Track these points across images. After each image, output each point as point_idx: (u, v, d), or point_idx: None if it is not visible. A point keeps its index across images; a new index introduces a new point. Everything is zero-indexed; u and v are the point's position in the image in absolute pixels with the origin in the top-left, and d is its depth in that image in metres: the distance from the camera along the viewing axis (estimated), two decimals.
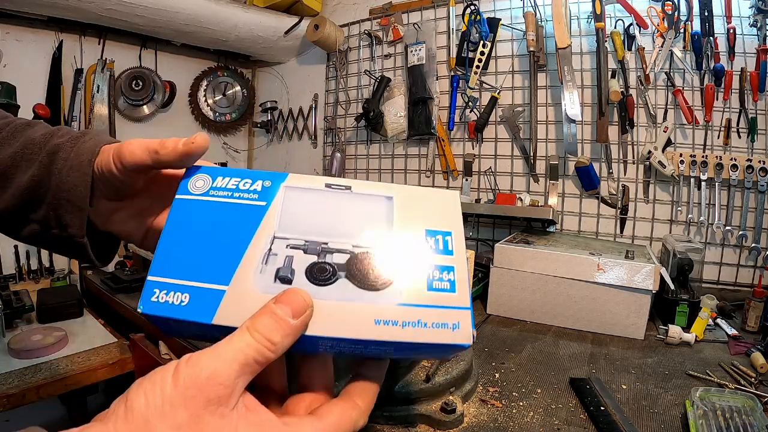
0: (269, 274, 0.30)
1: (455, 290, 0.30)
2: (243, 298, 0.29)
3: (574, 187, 1.51)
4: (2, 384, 0.96)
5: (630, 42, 1.38)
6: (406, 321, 0.28)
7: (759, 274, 1.25)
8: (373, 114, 1.74)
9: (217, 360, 0.24)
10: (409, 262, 0.31)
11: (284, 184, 0.34)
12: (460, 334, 0.29)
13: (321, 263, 0.30)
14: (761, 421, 0.64)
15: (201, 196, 0.34)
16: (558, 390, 0.78)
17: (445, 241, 0.33)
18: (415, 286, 0.30)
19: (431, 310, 0.29)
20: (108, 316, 1.32)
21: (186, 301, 0.29)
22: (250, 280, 0.29)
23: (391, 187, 0.35)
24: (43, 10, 1.58)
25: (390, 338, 0.28)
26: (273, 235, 0.32)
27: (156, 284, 0.29)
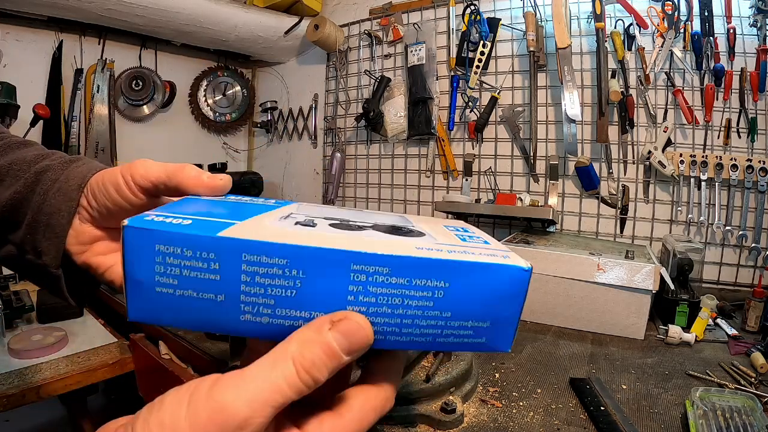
0: (289, 222, 0.26)
1: (489, 243, 0.28)
2: (257, 226, 0.24)
3: (574, 187, 1.51)
4: (2, 384, 0.96)
5: (630, 42, 1.38)
6: (450, 250, 0.24)
7: (759, 274, 1.25)
8: (373, 114, 1.74)
9: (250, 401, 0.19)
10: (434, 231, 0.29)
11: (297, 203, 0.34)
12: (512, 260, 0.25)
13: (345, 221, 0.28)
14: (761, 421, 0.64)
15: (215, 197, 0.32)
16: (558, 390, 0.78)
17: (465, 228, 0.32)
18: (449, 239, 0.27)
19: (474, 246, 0.26)
20: (108, 316, 1.32)
21: (188, 222, 0.24)
22: (266, 221, 0.26)
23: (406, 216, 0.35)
24: (43, 10, 1.58)
25: (442, 257, 0.23)
26: (292, 211, 0.30)
27: (154, 213, 0.25)
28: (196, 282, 0.23)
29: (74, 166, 0.36)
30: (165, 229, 0.23)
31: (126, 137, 1.94)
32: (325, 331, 0.22)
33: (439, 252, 0.24)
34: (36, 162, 0.36)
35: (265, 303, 0.23)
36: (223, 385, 0.20)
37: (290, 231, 0.24)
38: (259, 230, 0.23)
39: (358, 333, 0.22)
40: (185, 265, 0.23)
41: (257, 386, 0.20)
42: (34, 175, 0.35)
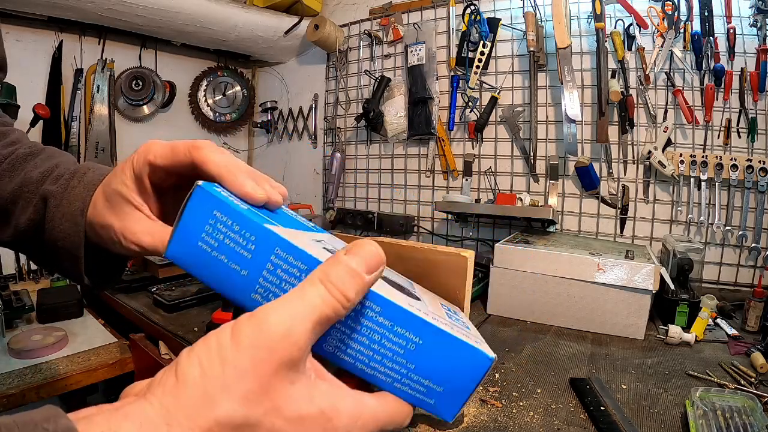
0: (319, 244, 0.31)
1: (470, 329, 0.33)
2: (294, 234, 0.28)
3: (574, 187, 1.51)
4: (2, 384, 0.96)
5: (630, 42, 1.38)
6: (435, 316, 0.29)
7: (759, 274, 1.25)
8: (373, 114, 1.74)
9: (290, 315, 0.21)
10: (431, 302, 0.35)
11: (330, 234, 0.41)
12: (482, 346, 0.29)
13: None
14: (761, 421, 0.64)
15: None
16: (558, 390, 0.78)
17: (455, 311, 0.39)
18: (438, 311, 0.33)
19: (455, 325, 0.31)
20: (108, 316, 1.32)
21: (245, 207, 0.28)
22: (302, 236, 0.30)
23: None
24: (43, 10, 1.58)
25: (423, 317, 0.27)
26: (323, 239, 0.34)
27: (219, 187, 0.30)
28: (231, 252, 0.27)
29: (71, 187, 0.37)
30: (227, 202, 0.27)
31: (126, 137, 1.94)
32: (342, 256, 0.24)
33: (426, 315, 0.28)
34: (41, 183, 0.38)
35: (275, 292, 0.27)
36: (261, 310, 0.21)
37: (317, 250, 0.28)
38: (295, 238, 0.27)
39: (370, 252, 0.24)
40: (230, 235, 0.27)
41: (294, 304, 0.22)
42: (41, 200, 0.38)
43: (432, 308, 0.32)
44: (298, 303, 0.22)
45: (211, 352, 0.20)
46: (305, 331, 0.21)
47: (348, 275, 0.23)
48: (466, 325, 0.34)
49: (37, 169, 0.39)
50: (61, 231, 0.36)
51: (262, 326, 0.20)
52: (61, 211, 0.37)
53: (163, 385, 0.20)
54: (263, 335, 0.20)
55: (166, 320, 1.14)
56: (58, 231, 0.36)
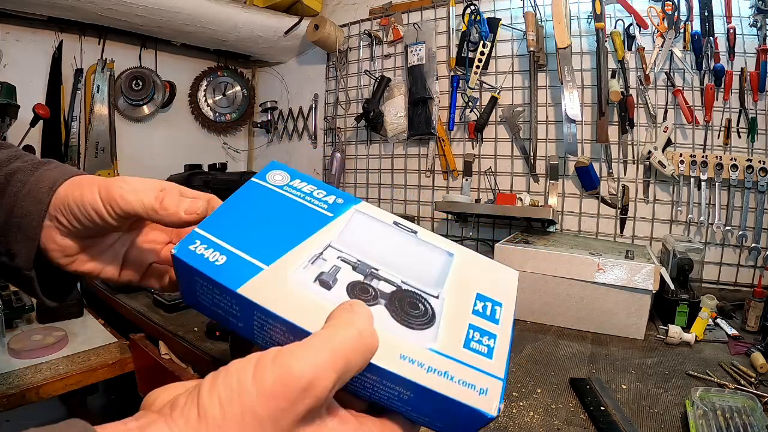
0: (311, 273, 0.29)
1: (492, 357, 0.28)
2: (276, 282, 0.27)
3: (574, 187, 1.51)
4: (2, 384, 0.96)
5: (630, 42, 1.38)
6: (432, 367, 0.26)
7: (759, 274, 1.25)
8: (373, 114, 1.74)
9: (314, 366, 0.20)
10: (453, 315, 0.29)
11: (356, 207, 0.34)
12: (485, 400, 0.26)
13: (365, 284, 0.29)
14: (761, 421, 0.64)
15: (275, 188, 0.34)
16: (558, 390, 0.78)
17: (494, 309, 0.31)
18: (451, 338, 0.28)
19: (462, 367, 0.27)
20: (108, 316, 1.32)
21: (221, 261, 0.28)
22: (290, 270, 0.28)
23: (456, 246, 0.35)
24: (43, 10, 1.58)
25: (410, 377, 0.25)
26: (329, 243, 0.31)
27: (200, 236, 0.29)
28: (223, 308, 0.28)
29: (45, 169, 0.35)
30: (201, 270, 0.28)
31: (126, 137, 1.94)
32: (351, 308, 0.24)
33: (417, 369, 0.25)
34: (7, 164, 0.35)
35: (271, 342, 0.28)
36: (287, 351, 0.21)
37: (299, 296, 0.27)
38: (276, 289, 0.27)
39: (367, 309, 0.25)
40: (216, 296, 0.28)
41: (321, 350, 0.21)
42: (4, 177, 0.35)
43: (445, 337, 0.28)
44: (325, 350, 0.21)
45: (233, 393, 0.19)
46: (329, 383, 0.20)
47: (369, 323, 0.24)
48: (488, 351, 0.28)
49: (4, 154, 0.37)
50: (21, 208, 0.33)
51: (285, 377, 0.19)
52: (27, 187, 0.33)
53: (186, 416, 0.20)
54: (286, 387, 0.19)
55: (166, 320, 1.14)
56: (18, 208, 0.33)
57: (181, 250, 0.28)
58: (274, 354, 0.20)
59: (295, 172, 0.36)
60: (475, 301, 0.31)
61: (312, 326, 0.25)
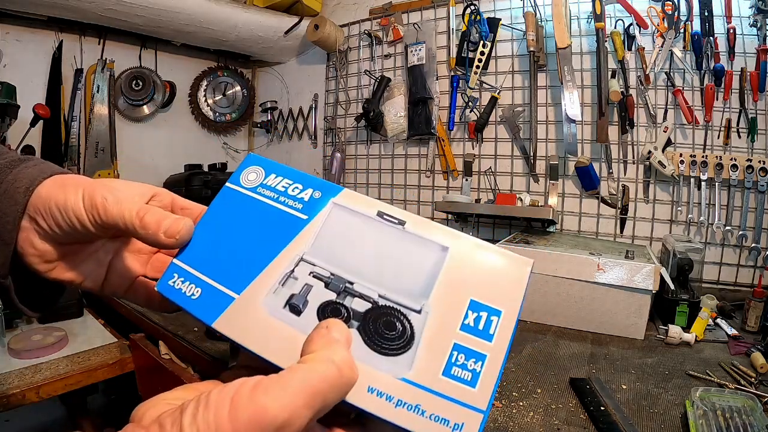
0: (282, 298, 0.28)
1: (476, 385, 0.25)
2: (247, 312, 0.27)
3: (574, 187, 1.51)
4: (2, 384, 0.96)
5: (630, 42, 1.38)
6: (402, 400, 0.24)
7: (759, 274, 1.25)
8: (373, 114, 1.74)
9: (288, 406, 0.20)
10: (436, 333, 0.26)
11: (334, 200, 0.31)
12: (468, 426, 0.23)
13: (337, 304, 0.27)
14: (761, 421, 0.64)
15: (248, 191, 0.32)
16: (558, 390, 0.78)
17: (489, 321, 0.26)
18: (428, 365, 0.25)
19: (437, 399, 0.24)
20: (108, 316, 1.32)
21: (197, 295, 0.29)
22: (261, 297, 0.28)
23: (453, 235, 0.29)
24: (43, 10, 1.58)
25: (376, 412, 0.24)
26: (300, 257, 0.29)
27: (177, 269, 0.30)
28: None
29: (23, 167, 0.33)
30: (181, 305, 0.29)
31: (126, 137, 1.94)
32: (329, 334, 0.24)
33: (385, 404, 0.24)
34: None
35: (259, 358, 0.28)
36: (263, 389, 0.20)
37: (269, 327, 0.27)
38: (247, 320, 0.27)
39: (344, 329, 0.25)
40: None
41: (297, 389, 0.20)
42: None
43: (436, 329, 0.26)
44: (301, 389, 0.20)
45: (210, 428, 0.20)
46: (304, 421, 0.20)
47: (347, 352, 0.24)
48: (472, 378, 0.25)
49: None
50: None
51: (259, 417, 0.20)
52: (2, 187, 0.31)
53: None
54: (261, 427, 0.19)
55: (166, 320, 1.14)
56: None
57: (162, 286, 0.29)
58: (250, 389, 0.20)
59: (270, 165, 0.33)
60: (467, 311, 0.27)
61: (282, 360, 0.24)
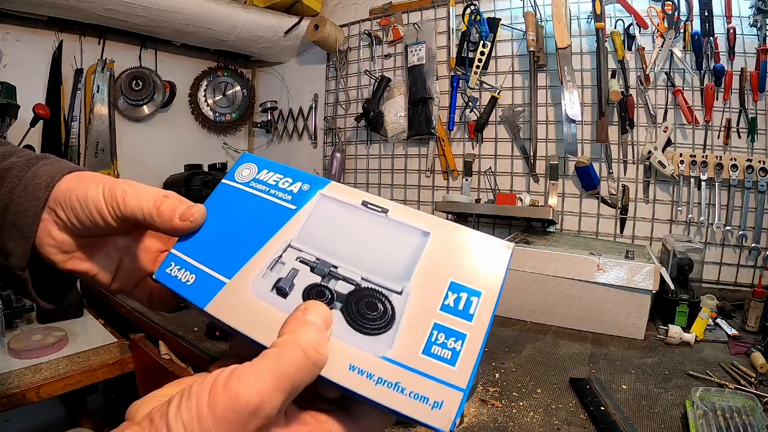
0: (269, 282, 0.29)
1: (455, 364, 0.25)
2: (237, 295, 0.29)
3: (574, 187, 1.51)
4: (2, 384, 0.96)
5: (630, 42, 1.38)
6: (382, 378, 0.25)
7: (759, 274, 1.25)
8: (373, 114, 1.74)
9: (260, 391, 0.22)
10: (416, 313, 0.27)
11: (321, 192, 0.33)
12: (438, 415, 0.24)
13: (321, 287, 0.29)
14: (761, 421, 0.64)
15: (242, 185, 0.35)
16: (558, 390, 0.78)
17: (469, 301, 0.27)
18: (409, 344, 0.26)
19: (416, 377, 0.25)
20: (108, 316, 1.32)
21: (191, 281, 0.30)
22: (250, 282, 0.29)
23: (434, 222, 0.31)
24: (43, 10, 1.58)
25: (356, 389, 0.25)
26: (288, 243, 0.31)
27: (174, 257, 0.32)
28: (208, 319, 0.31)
29: (41, 164, 0.34)
30: (177, 291, 0.30)
31: (126, 137, 1.94)
32: (304, 317, 0.25)
33: (366, 381, 0.25)
34: (2, 160, 0.35)
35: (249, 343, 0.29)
36: (236, 377, 0.22)
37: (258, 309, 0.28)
38: (237, 303, 0.29)
39: (323, 309, 0.26)
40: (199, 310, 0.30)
41: (267, 375, 0.22)
42: (0, 174, 0.34)
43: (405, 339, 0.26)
44: (270, 375, 0.22)
45: (193, 418, 0.21)
46: (275, 404, 0.22)
47: (318, 333, 0.24)
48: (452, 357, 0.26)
49: (1, 148, 0.36)
50: (16, 204, 0.32)
51: (234, 403, 0.21)
52: (23, 183, 0.33)
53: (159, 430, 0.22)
54: (236, 413, 0.21)
55: (166, 320, 1.14)
56: (14, 204, 0.32)
57: (160, 274, 0.31)
58: (225, 378, 0.22)
59: (263, 162, 0.36)
60: (447, 292, 0.27)
61: (268, 340, 0.25)
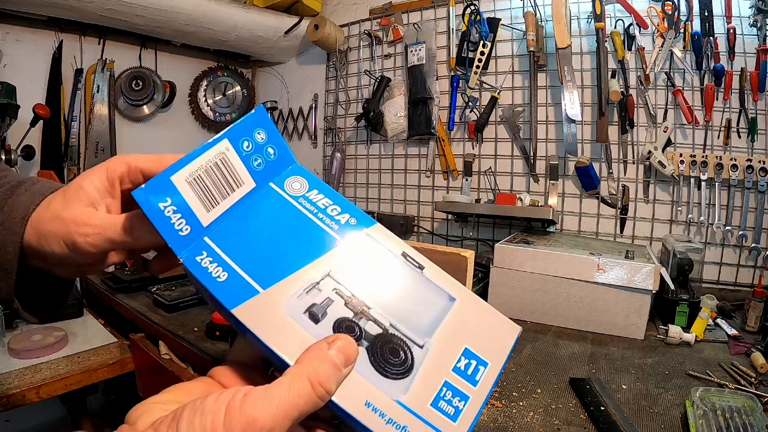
0: (303, 304, 0.29)
1: (456, 420, 0.28)
2: (268, 308, 0.29)
3: (574, 187, 1.51)
4: (2, 384, 0.96)
5: (630, 42, 1.38)
6: (393, 419, 0.27)
7: (759, 274, 1.25)
8: (373, 114, 1.74)
9: (273, 416, 0.23)
10: (432, 368, 0.29)
11: (367, 231, 0.34)
12: None
13: (353, 323, 0.30)
14: (761, 421, 0.64)
15: (291, 198, 0.34)
16: (558, 390, 0.78)
17: (477, 369, 0.30)
18: (421, 394, 0.28)
19: (422, 425, 0.27)
20: (108, 316, 1.32)
21: (223, 278, 0.30)
22: (284, 298, 0.29)
23: (461, 290, 0.33)
24: (43, 10, 1.58)
25: (368, 425, 0.26)
26: (328, 272, 0.31)
27: (208, 247, 0.31)
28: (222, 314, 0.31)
29: (16, 195, 0.34)
30: (204, 284, 0.29)
31: (126, 137, 1.94)
32: (326, 350, 0.26)
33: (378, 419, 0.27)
34: None
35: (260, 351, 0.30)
36: (252, 399, 0.24)
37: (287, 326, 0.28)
38: (267, 315, 0.29)
39: (350, 347, 0.27)
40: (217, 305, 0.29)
41: (279, 403, 0.24)
42: None
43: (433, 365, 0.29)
44: (283, 402, 0.24)
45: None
46: (284, 429, 0.24)
47: (332, 370, 0.26)
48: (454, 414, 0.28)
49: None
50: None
51: (251, 427, 0.23)
52: (0, 218, 0.33)
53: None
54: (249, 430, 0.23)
55: (166, 320, 1.14)
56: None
57: (189, 261, 0.30)
58: (240, 401, 0.23)
59: (314, 180, 0.36)
60: (460, 356, 0.30)
61: (292, 358, 0.27)
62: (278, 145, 0.35)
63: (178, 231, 0.30)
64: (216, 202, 0.32)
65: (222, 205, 0.32)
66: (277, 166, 0.35)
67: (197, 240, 0.30)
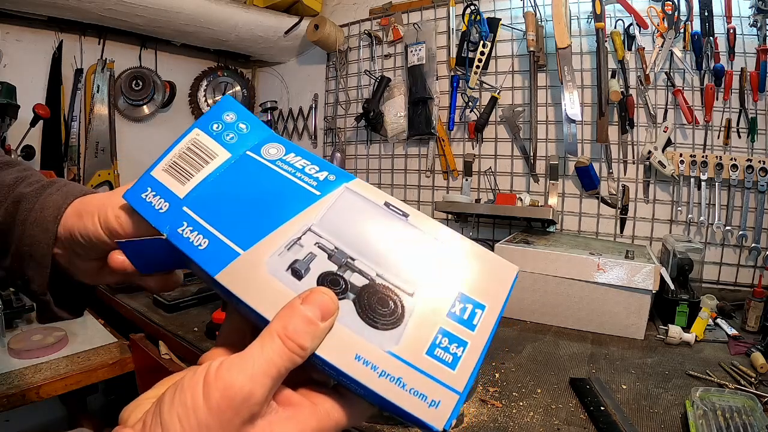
0: (285, 261, 0.29)
1: (455, 368, 0.26)
2: (250, 270, 0.28)
3: (574, 187, 1.51)
4: (2, 384, 0.96)
5: (630, 42, 1.38)
6: (385, 371, 0.26)
7: (759, 274, 1.25)
8: (373, 114, 1.74)
9: (250, 378, 0.23)
10: (424, 315, 0.28)
11: (347, 185, 0.32)
12: (434, 414, 0.25)
13: (337, 276, 0.29)
14: (761, 421, 0.64)
15: (267, 162, 0.33)
16: (558, 390, 0.78)
17: (473, 313, 0.28)
18: (415, 342, 0.27)
19: (418, 375, 0.26)
20: (108, 316, 1.32)
21: (204, 245, 0.30)
22: (265, 257, 0.29)
23: (451, 234, 0.31)
24: (43, 10, 1.58)
25: (359, 379, 0.25)
26: (309, 227, 0.30)
27: (187, 217, 0.31)
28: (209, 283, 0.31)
29: (47, 194, 0.36)
30: (187, 253, 0.29)
31: (126, 137, 1.94)
32: (298, 306, 0.26)
33: (369, 372, 0.26)
34: (14, 187, 0.36)
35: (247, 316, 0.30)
36: (227, 365, 0.24)
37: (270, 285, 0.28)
38: (249, 276, 0.28)
39: (324, 299, 0.26)
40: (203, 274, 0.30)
41: (254, 363, 0.24)
42: (12, 204, 0.36)
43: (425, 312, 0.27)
44: (258, 362, 0.24)
45: (188, 410, 0.23)
46: (265, 389, 0.24)
47: (304, 324, 0.25)
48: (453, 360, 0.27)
49: (11, 175, 0.37)
50: (30, 236, 0.34)
51: (228, 392, 0.23)
52: (33, 215, 0.35)
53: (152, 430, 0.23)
54: (230, 401, 0.23)
55: (166, 320, 1.14)
56: (27, 236, 0.34)
57: (172, 233, 0.30)
58: (216, 369, 0.24)
59: (291, 145, 0.35)
60: (455, 301, 0.28)
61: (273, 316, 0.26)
62: (250, 120, 0.35)
63: (158, 210, 0.31)
64: (190, 176, 0.33)
65: (197, 177, 0.32)
66: (251, 137, 0.35)
67: (177, 211, 0.31)
